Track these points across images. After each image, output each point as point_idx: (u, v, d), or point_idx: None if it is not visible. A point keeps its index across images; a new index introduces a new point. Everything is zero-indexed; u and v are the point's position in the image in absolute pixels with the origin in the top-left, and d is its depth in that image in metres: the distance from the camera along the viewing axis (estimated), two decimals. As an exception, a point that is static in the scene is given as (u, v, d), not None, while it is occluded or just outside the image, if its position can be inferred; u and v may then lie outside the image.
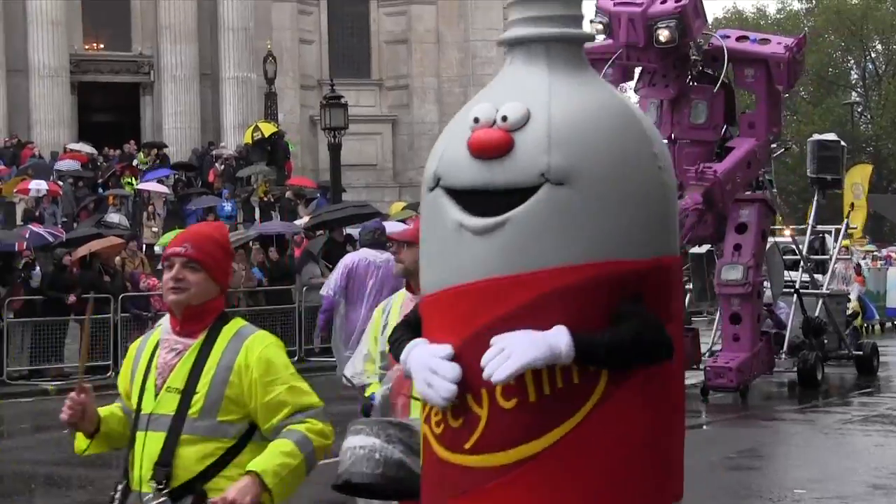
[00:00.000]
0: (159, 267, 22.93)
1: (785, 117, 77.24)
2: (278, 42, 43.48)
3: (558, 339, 3.45)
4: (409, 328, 4.03)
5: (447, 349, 3.65)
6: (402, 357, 3.83)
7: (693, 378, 18.48)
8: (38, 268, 23.08)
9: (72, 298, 21.96)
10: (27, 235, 24.74)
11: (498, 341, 3.50)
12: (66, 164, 36.51)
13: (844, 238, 26.15)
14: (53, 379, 21.79)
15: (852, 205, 51.93)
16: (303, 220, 28.45)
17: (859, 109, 75.43)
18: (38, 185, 32.30)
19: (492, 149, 3.61)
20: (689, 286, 20.47)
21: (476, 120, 3.68)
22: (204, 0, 42.67)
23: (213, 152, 39.31)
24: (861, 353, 21.74)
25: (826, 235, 27.79)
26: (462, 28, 46.97)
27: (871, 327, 32.06)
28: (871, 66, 79.19)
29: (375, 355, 6.55)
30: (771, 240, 20.26)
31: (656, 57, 18.14)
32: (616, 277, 3.58)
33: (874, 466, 13.14)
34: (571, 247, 3.57)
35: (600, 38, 18.42)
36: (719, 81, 18.60)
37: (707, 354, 20.09)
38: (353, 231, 26.64)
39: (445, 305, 3.77)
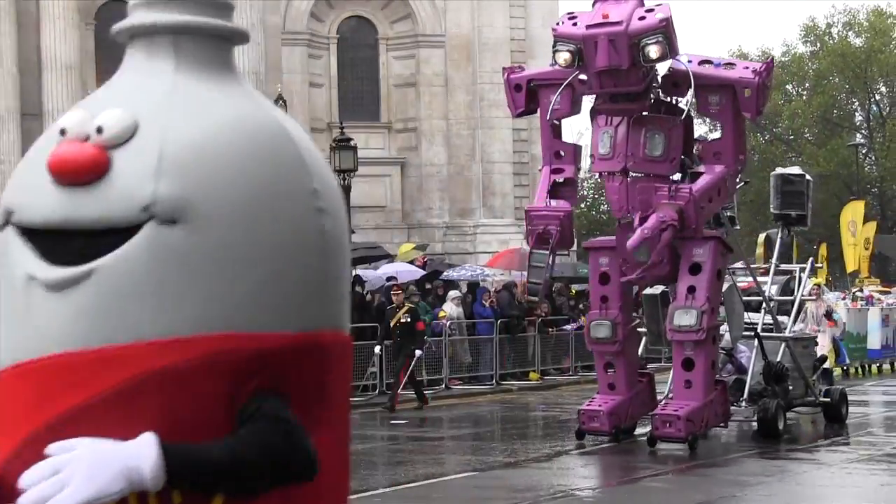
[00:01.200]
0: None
1: (789, 158, 77.72)
2: (288, 85, 43.57)
3: (140, 458, 2.32)
4: None
5: None
6: None
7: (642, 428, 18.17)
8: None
9: (420, 325, 23.63)
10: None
11: (53, 460, 2.32)
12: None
13: (811, 277, 24.35)
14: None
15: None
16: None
17: (864, 151, 75.35)
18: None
19: (76, 170, 2.51)
20: (644, 329, 19.13)
21: (63, 132, 2.58)
22: (216, 44, 42.82)
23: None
24: (829, 399, 19.95)
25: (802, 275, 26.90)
26: (469, 71, 47.04)
27: (857, 370, 31.06)
28: (875, 108, 79.13)
29: None
30: (730, 279, 18.87)
31: (638, 79, 16.51)
32: (242, 358, 2.48)
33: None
34: (181, 311, 2.48)
35: (561, 62, 16.53)
36: (686, 109, 17.29)
37: (664, 400, 18.50)
38: (363, 272, 26.84)
39: (6, 390, 2.57)
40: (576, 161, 18.32)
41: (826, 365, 23.11)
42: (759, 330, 19.24)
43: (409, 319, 23.29)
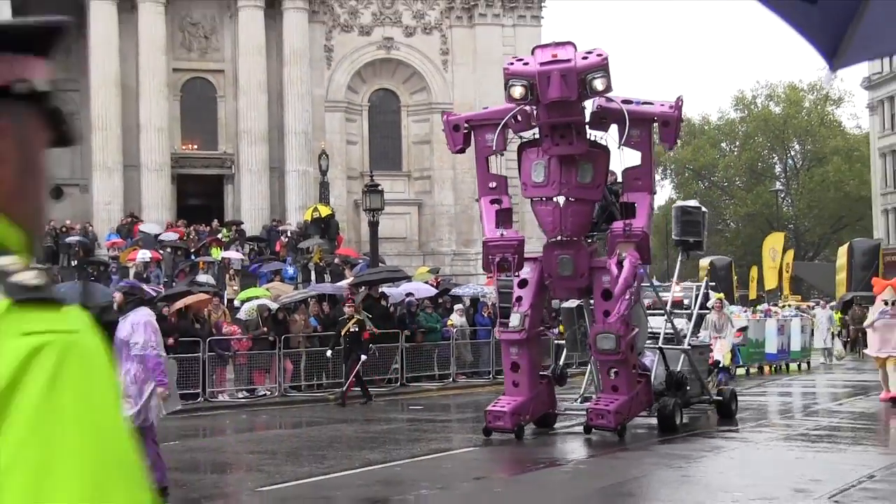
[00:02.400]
0: (238, 316, 23.00)
1: (724, 200, 77.42)
2: (330, 143, 43.79)
3: None
4: None
5: None
6: None
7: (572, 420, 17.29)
8: (144, 317, 22.97)
9: (170, 341, 22.07)
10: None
11: None
12: (167, 237, 36.80)
13: (705, 292, 22.17)
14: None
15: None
16: (347, 281, 28.58)
17: (782, 195, 75.45)
18: (144, 254, 32.54)
19: None
20: (563, 340, 18.30)
21: None
22: (273, 110, 43.07)
23: (279, 228, 39.51)
24: (721, 398, 18.63)
25: (710, 292, 25.31)
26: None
27: (758, 370, 30.48)
28: (790, 162, 79.48)
29: None
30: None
31: (580, 112, 15.44)
32: None
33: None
34: None
35: (516, 95, 15.06)
36: (622, 140, 15.70)
37: (580, 400, 17.48)
38: (387, 290, 26.88)
39: None
40: (506, 191, 16.97)
41: (722, 364, 22.90)
42: (660, 343, 17.93)
43: (357, 329, 22.04)
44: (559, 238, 15.99)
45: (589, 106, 15.79)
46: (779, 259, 49.20)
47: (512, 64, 15.24)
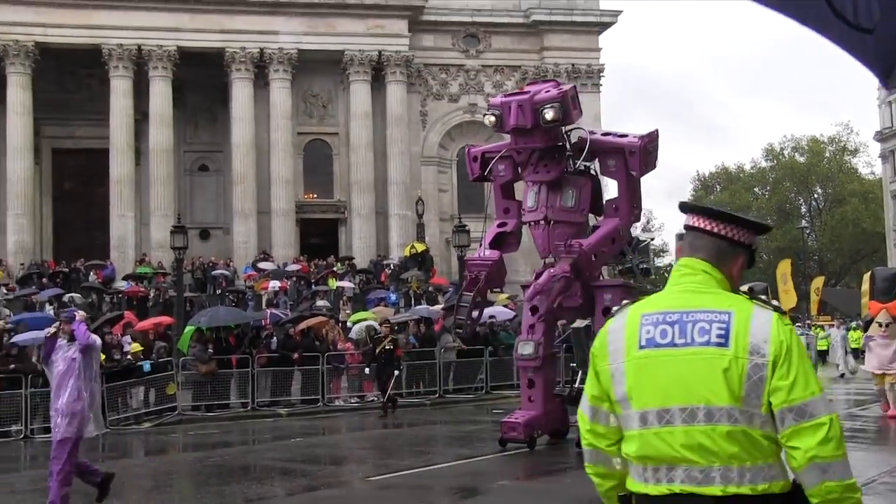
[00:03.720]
0: (350, 335, 23.00)
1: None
2: (425, 191, 44.01)
3: None
4: None
5: None
6: None
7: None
8: (274, 336, 23.31)
9: (295, 356, 22.37)
10: (268, 315, 25.25)
11: None
12: (293, 269, 37.27)
13: None
14: (285, 407, 21.97)
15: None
16: (440, 306, 28.61)
17: (807, 231, 74.11)
18: (274, 284, 32.98)
19: None
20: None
21: None
22: (378, 164, 43.46)
23: (384, 262, 39.81)
24: None
25: None
26: (543, 181, 47.15)
27: None
28: (814, 203, 78.01)
29: None
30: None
31: (541, 138, 14.33)
32: None
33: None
34: None
35: (487, 123, 14.80)
36: (588, 167, 14.94)
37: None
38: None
39: None
40: (519, 215, 15.74)
41: None
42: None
43: (391, 347, 20.90)
44: (552, 258, 14.71)
45: (571, 138, 14.93)
46: (790, 283, 48.16)
47: (494, 97, 14.58)
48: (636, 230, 18.17)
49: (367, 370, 22.36)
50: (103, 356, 19.53)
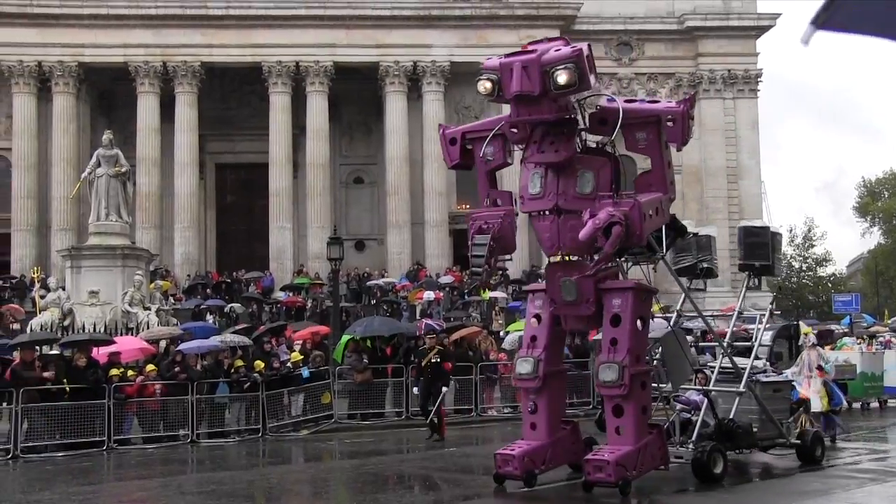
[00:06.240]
0: (503, 346, 23.01)
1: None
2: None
3: None
4: None
5: None
6: None
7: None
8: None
9: (448, 365, 22.39)
10: (422, 326, 25.49)
11: None
12: (446, 280, 37.58)
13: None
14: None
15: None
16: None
17: None
18: (429, 294, 33.32)
19: None
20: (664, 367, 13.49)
21: None
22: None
23: (537, 272, 39.67)
24: (800, 441, 13.96)
25: (799, 323, 21.42)
26: (699, 189, 46.08)
27: (880, 403, 24.75)
28: None
29: None
30: (658, 325, 13.31)
31: (550, 109, 11.36)
32: None
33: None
34: None
35: (482, 90, 11.38)
36: (613, 135, 11.78)
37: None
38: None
39: None
40: (511, 206, 12.76)
41: (816, 408, 16.89)
42: (712, 384, 13.70)
43: (438, 360, 18.94)
44: (560, 257, 12.05)
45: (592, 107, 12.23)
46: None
47: (490, 59, 11.61)
48: (693, 225, 15.29)
49: (415, 390, 20.33)
50: (263, 364, 20.20)
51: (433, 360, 18.97)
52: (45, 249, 41.65)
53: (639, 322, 11.76)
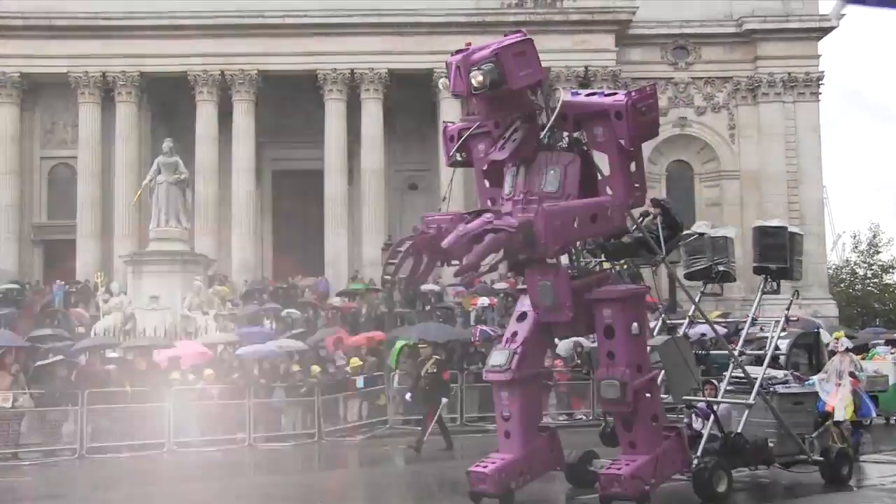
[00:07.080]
0: (557, 352, 22.88)
1: None
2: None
3: None
4: None
5: None
6: None
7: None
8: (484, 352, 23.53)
9: (446, 375, 22.44)
10: (477, 333, 25.57)
11: None
12: (500, 286, 37.48)
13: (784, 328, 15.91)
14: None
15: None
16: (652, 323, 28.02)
17: None
18: (483, 300, 33.32)
19: None
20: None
21: None
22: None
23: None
24: (823, 458, 12.91)
25: (820, 330, 20.05)
26: (757, 194, 45.53)
27: None
28: None
29: None
30: (657, 335, 12.51)
31: (480, 105, 11.21)
32: None
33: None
34: None
35: (441, 87, 11.44)
36: (573, 131, 11.26)
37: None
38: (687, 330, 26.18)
39: None
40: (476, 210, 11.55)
41: (839, 417, 15.33)
42: (715, 401, 12.82)
43: (435, 370, 18.45)
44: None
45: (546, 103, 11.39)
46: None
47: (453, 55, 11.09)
48: (710, 228, 14.86)
49: (407, 396, 19.87)
50: (320, 369, 20.41)
51: (430, 371, 18.48)
52: (109, 255, 42.43)
53: (634, 326, 11.10)
